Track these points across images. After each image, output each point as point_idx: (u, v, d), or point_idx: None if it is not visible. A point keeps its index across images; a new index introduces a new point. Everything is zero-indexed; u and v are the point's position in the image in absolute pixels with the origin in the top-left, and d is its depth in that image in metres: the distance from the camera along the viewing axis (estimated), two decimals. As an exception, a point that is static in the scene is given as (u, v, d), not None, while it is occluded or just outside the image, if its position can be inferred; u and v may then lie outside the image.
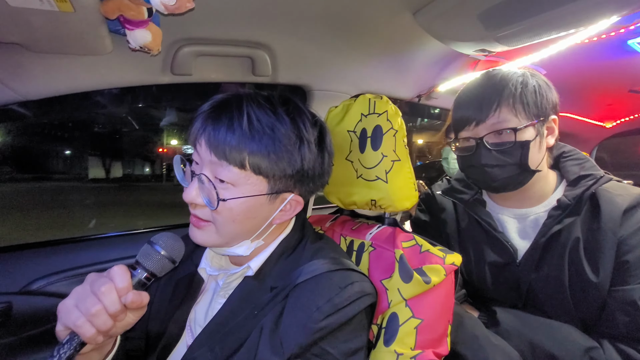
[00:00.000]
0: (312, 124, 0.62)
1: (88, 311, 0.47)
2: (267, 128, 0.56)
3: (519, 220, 0.86)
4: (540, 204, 0.84)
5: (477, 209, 0.91)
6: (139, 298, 0.51)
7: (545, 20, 0.78)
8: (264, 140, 0.55)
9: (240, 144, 0.55)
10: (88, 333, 0.47)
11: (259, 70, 1.09)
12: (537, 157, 0.79)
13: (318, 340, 0.54)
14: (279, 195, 0.61)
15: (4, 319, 0.97)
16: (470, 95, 0.83)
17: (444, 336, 0.64)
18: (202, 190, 0.58)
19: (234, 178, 0.56)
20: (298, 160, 0.59)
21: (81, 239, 1.17)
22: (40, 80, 0.87)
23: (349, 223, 0.88)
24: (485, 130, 0.79)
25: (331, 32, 1.02)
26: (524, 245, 0.83)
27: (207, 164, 0.58)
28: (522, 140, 0.77)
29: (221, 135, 0.55)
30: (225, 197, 0.56)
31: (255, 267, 0.63)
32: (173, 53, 0.96)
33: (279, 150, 0.56)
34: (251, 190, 0.58)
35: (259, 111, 0.57)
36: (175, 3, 0.60)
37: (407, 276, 0.64)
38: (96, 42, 0.76)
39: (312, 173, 0.62)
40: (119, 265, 0.51)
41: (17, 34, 0.69)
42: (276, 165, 0.57)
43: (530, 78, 0.79)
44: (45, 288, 1.02)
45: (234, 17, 0.90)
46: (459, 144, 0.86)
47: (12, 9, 0.58)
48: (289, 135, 0.57)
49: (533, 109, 0.78)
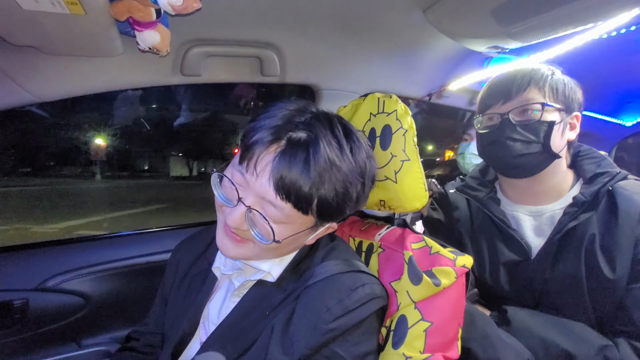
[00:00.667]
0: (369, 160, 0.60)
1: None
2: (338, 173, 0.53)
3: (535, 217, 0.85)
4: (557, 201, 0.83)
5: (491, 206, 0.90)
6: None
7: (561, 15, 0.75)
8: (334, 187, 0.53)
9: (310, 189, 0.51)
10: None
11: (268, 70, 1.09)
12: (559, 142, 0.80)
13: (328, 342, 0.53)
14: (323, 225, 0.61)
15: (21, 315, 1.00)
16: (501, 81, 0.85)
17: (454, 340, 0.63)
18: (249, 220, 0.55)
19: (289, 219, 0.54)
20: (354, 200, 0.58)
21: (94, 238, 1.20)
22: (55, 82, 0.89)
23: (357, 223, 0.87)
24: (511, 107, 0.80)
25: (340, 31, 1.01)
26: (539, 243, 0.82)
27: (258, 197, 0.54)
28: (548, 120, 0.78)
29: (294, 178, 0.51)
30: (280, 238, 0.54)
31: (276, 275, 0.63)
32: (183, 54, 0.97)
33: (343, 196, 0.55)
34: (300, 226, 0.57)
35: (330, 152, 0.52)
36: (182, 3, 0.60)
37: (416, 278, 0.63)
38: (107, 44, 0.77)
39: (356, 206, 0.61)
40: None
41: (31, 37, 0.71)
42: (337, 209, 0.56)
43: (560, 73, 0.82)
44: (60, 285, 1.05)
45: (243, 17, 0.90)
46: (483, 123, 0.87)
47: (26, 13, 0.59)
48: (354, 179, 0.56)
49: (561, 97, 0.79)
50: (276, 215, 0.53)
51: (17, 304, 1.00)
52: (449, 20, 0.91)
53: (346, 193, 0.55)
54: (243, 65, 1.09)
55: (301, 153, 0.51)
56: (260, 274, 0.63)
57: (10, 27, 0.66)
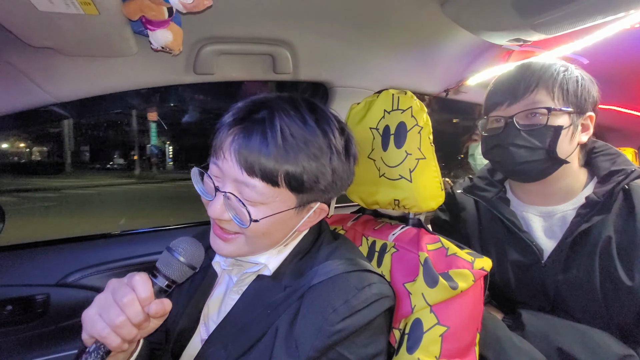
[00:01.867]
0: (340, 132, 0.60)
1: (112, 322, 0.47)
2: (301, 142, 0.53)
3: (545, 218, 0.82)
4: (569, 201, 0.80)
5: (500, 207, 0.87)
6: (161, 307, 0.50)
7: (589, 4, 0.71)
8: (299, 156, 0.53)
9: (275, 161, 0.52)
10: (114, 343, 0.48)
11: (280, 68, 1.08)
12: (567, 147, 0.76)
13: (335, 344, 0.52)
14: (307, 205, 0.60)
15: (43, 309, 1.04)
16: (507, 80, 0.81)
17: (471, 345, 0.61)
18: (229, 207, 0.56)
19: (263, 197, 0.54)
20: (329, 172, 0.57)
21: (112, 235, 1.22)
22: (72, 82, 0.91)
23: (371, 223, 0.85)
24: (517, 110, 0.76)
25: (353, 26, 0.99)
26: (550, 245, 0.79)
27: (232, 181, 0.55)
28: (555, 125, 0.74)
29: (254, 151, 0.52)
30: (257, 217, 0.54)
31: (273, 268, 0.62)
32: (195, 52, 0.97)
33: (312, 164, 0.54)
34: (280, 206, 0.56)
35: (290, 123, 0.53)
36: (193, 1, 0.60)
37: (432, 281, 0.61)
38: (121, 43, 0.78)
39: (340, 183, 0.61)
40: (140, 274, 0.51)
41: (49, 38, 0.72)
42: (309, 179, 0.55)
43: (575, 69, 0.77)
44: (79, 281, 1.08)
45: (255, 14, 0.89)
46: (488, 125, 0.83)
47: (42, 14, 0.60)
48: (321, 148, 0.55)
49: (572, 98, 0.75)
50: (252, 195, 0.54)
51: (39, 298, 1.04)
52: (468, 13, 0.88)
53: (317, 164, 0.55)
54: (255, 63, 1.09)
55: (259, 126, 0.53)
56: (257, 267, 0.63)
57: (28, 29, 0.67)
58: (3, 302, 1.02)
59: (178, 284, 0.55)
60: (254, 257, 0.63)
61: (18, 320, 1.03)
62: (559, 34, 0.84)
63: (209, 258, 0.71)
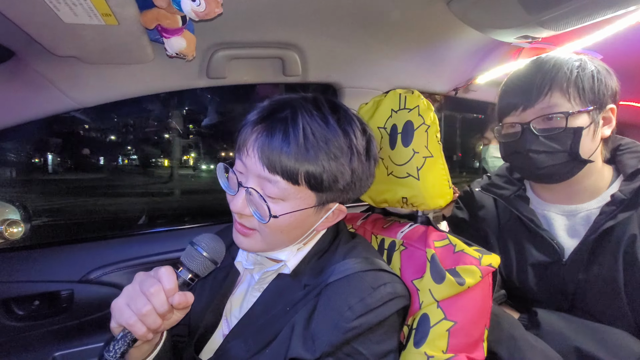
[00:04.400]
0: (361, 133, 0.61)
1: (139, 311, 0.50)
2: (322, 142, 0.54)
3: (568, 217, 0.80)
4: (593, 199, 0.77)
5: (519, 205, 0.85)
6: (184, 299, 0.53)
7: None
8: (319, 155, 0.54)
9: (296, 159, 0.53)
10: (140, 331, 0.51)
11: (289, 70, 1.11)
12: (589, 146, 0.73)
13: (350, 340, 0.54)
14: (325, 205, 0.61)
15: (68, 304, 1.09)
16: (518, 80, 0.79)
17: (479, 341, 0.61)
18: (250, 202, 0.58)
19: (285, 194, 0.56)
20: (348, 172, 0.58)
21: (132, 234, 1.27)
22: (94, 89, 0.96)
23: (380, 221, 0.86)
24: (532, 115, 0.74)
25: (361, 28, 1.01)
26: (572, 244, 0.77)
27: (255, 177, 0.57)
28: (574, 127, 0.71)
29: (276, 149, 0.53)
30: (277, 213, 0.56)
31: (292, 266, 0.64)
32: (208, 58, 1.01)
33: (332, 164, 0.55)
34: (300, 204, 0.57)
35: (312, 123, 0.55)
36: (205, 9, 0.63)
37: (439, 277, 0.61)
38: (139, 51, 0.82)
39: (359, 184, 0.62)
40: (166, 267, 0.54)
41: (73, 48, 0.77)
42: (328, 179, 0.56)
43: (589, 63, 0.74)
44: (101, 278, 1.13)
45: (264, 19, 0.92)
46: (503, 130, 0.81)
47: (67, 26, 0.64)
48: (342, 148, 0.56)
49: (589, 95, 0.72)
50: (273, 191, 0.56)
51: (64, 294, 1.09)
52: (475, 11, 0.88)
53: (336, 164, 0.56)
54: (265, 66, 1.12)
55: (281, 125, 0.55)
56: (277, 265, 0.65)
57: (54, 40, 0.72)
58: (31, 297, 1.08)
59: (200, 277, 0.57)
60: (273, 253, 0.64)
61: (44, 315, 1.09)
62: (567, 29, 0.83)
63: (231, 257, 0.74)
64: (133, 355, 0.57)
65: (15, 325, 1.05)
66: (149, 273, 0.54)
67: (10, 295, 1.05)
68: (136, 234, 1.28)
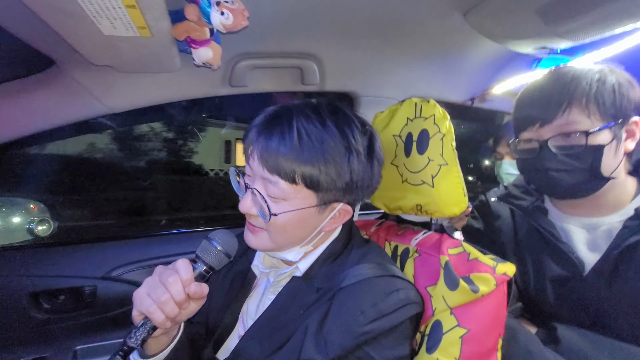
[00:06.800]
0: (361, 133, 0.62)
1: (158, 299, 0.53)
2: (316, 141, 0.57)
3: (589, 230, 0.77)
4: (615, 213, 0.75)
5: (538, 216, 0.83)
6: (200, 289, 0.56)
7: (616, 10, 0.70)
8: (313, 154, 0.56)
9: (291, 159, 0.56)
10: (159, 318, 0.53)
11: (308, 80, 1.14)
12: (612, 163, 0.71)
13: (362, 344, 0.54)
14: (328, 205, 0.62)
15: (91, 299, 1.14)
16: (535, 93, 0.77)
17: (493, 350, 0.61)
18: (256, 202, 0.61)
19: (285, 194, 0.58)
20: (347, 172, 0.59)
21: (152, 235, 1.33)
22: (125, 95, 1.02)
23: (394, 228, 0.87)
24: (550, 133, 0.72)
25: (378, 38, 1.03)
26: (593, 258, 0.74)
27: (259, 179, 0.60)
28: (595, 145, 0.69)
29: (273, 150, 0.57)
30: (276, 212, 0.59)
31: (303, 269, 0.66)
32: (231, 67, 1.06)
33: (328, 164, 0.57)
34: (301, 203, 0.60)
35: (307, 124, 0.58)
36: (232, 22, 0.67)
37: (453, 284, 0.62)
38: (168, 61, 0.88)
39: (360, 183, 0.62)
40: (182, 259, 0.57)
41: (109, 57, 0.83)
42: (326, 178, 0.58)
43: (609, 75, 0.71)
44: (122, 275, 1.18)
45: (285, 31, 0.96)
46: (519, 146, 0.80)
47: (106, 37, 0.70)
48: (337, 147, 0.58)
49: (610, 110, 0.69)
50: (275, 192, 0.59)
51: (88, 290, 1.15)
52: (491, 22, 0.89)
53: (333, 164, 0.57)
54: (285, 75, 1.16)
55: (278, 127, 0.58)
56: (290, 267, 0.67)
57: (93, 50, 0.78)
58: (57, 292, 1.13)
59: (215, 270, 0.60)
60: (281, 253, 0.66)
61: (69, 309, 1.14)
62: (587, 41, 0.83)
63: (248, 261, 0.76)
64: (152, 347, 0.60)
65: (41, 318, 1.11)
66: (168, 266, 0.58)
67: (39, 289, 1.10)
68: (157, 234, 1.33)
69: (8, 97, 0.94)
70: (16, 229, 1.16)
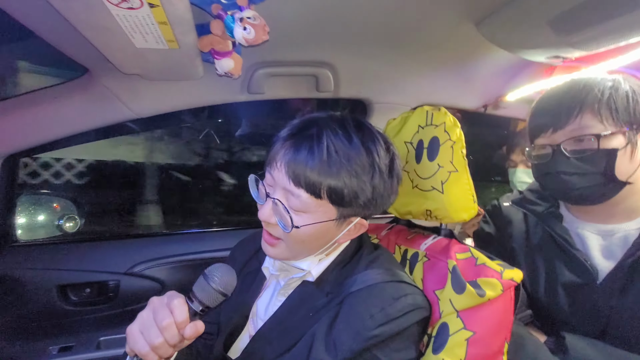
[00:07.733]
0: (385, 151, 0.63)
1: (152, 343, 0.51)
2: (344, 158, 0.57)
3: (604, 237, 0.77)
4: (632, 220, 0.74)
5: (552, 222, 0.83)
6: (195, 330, 0.55)
7: (630, 21, 0.70)
8: (340, 170, 0.57)
9: (318, 173, 0.57)
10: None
11: (322, 87, 1.18)
12: (627, 167, 0.71)
13: (370, 347, 0.56)
14: (347, 219, 0.64)
15: (114, 293, 1.21)
16: (549, 101, 0.79)
17: (499, 354, 0.62)
18: (276, 212, 0.61)
19: (306, 206, 0.59)
20: (369, 189, 0.60)
21: (172, 233, 1.39)
22: (151, 101, 1.09)
23: (404, 232, 0.89)
24: (563, 137, 0.73)
25: (391, 47, 1.06)
26: (608, 266, 0.74)
27: (281, 189, 0.60)
28: (608, 148, 0.70)
29: (301, 164, 0.57)
30: (298, 224, 0.60)
31: (315, 275, 0.67)
32: (250, 75, 1.11)
33: (352, 180, 0.58)
34: (321, 216, 0.60)
35: (335, 140, 0.58)
36: (254, 37, 0.71)
37: (460, 287, 0.63)
38: (192, 70, 0.93)
39: (380, 200, 0.64)
40: (178, 299, 0.54)
41: (138, 67, 0.89)
42: (349, 194, 0.59)
43: (623, 83, 0.72)
44: (143, 271, 1.24)
45: (301, 40, 1.00)
46: (534, 152, 0.81)
47: (137, 49, 0.75)
48: (363, 164, 0.59)
49: (623, 115, 0.70)
50: (296, 204, 0.59)
51: (112, 284, 1.21)
52: (503, 32, 0.90)
53: (358, 180, 0.59)
54: (300, 82, 1.20)
55: (307, 142, 0.59)
56: (301, 273, 0.68)
57: (124, 60, 0.84)
58: (83, 285, 1.20)
59: (211, 309, 0.59)
60: (296, 262, 0.68)
61: (94, 302, 1.21)
62: (601, 50, 0.83)
63: (258, 262, 0.78)
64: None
65: (68, 309, 1.18)
66: (163, 300, 0.55)
67: (67, 282, 1.18)
68: (177, 233, 1.40)
69: (46, 102, 1.02)
70: (46, 225, 1.25)
